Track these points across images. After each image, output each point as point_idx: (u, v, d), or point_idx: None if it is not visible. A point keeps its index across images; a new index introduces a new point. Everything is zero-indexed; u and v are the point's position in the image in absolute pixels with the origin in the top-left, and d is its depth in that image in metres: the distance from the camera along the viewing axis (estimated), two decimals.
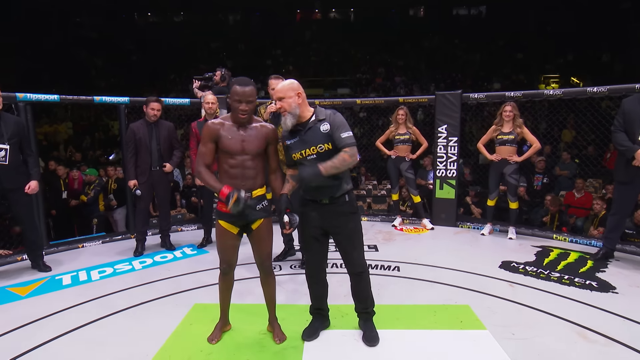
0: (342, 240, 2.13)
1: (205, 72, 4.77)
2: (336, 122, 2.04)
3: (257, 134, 2.08)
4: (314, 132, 2.04)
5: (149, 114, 3.69)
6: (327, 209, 2.09)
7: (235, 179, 2.06)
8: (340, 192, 2.07)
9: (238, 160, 2.05)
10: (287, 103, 2.04)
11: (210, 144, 2.08)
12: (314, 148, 2.03)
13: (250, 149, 2.06)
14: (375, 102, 5.11)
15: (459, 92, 4.62)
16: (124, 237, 4.41)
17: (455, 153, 4.64)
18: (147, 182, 3.71)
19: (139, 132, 3.67)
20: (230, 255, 2.16)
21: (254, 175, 2.08)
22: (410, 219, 4.97)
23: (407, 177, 4.66)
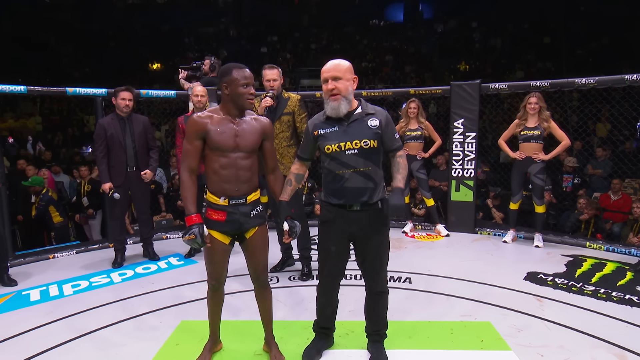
0: (369, 255, 2.10)
1: (193, 61, 4.78)
2: (388, 120, 2.08)
3: (252, 128, 2.07)
4: (360, 125, 2.03)
5: (119, 106, 3.67)
6: (356, 217, 2.06)
7: (227, 182, 2.03)
8: (375, 198, 2.05)
9: (231, 159, 2.02)
10: (344, 86, 2.01)
11: (197, 141, 2.02)
12: (357, 142, 2.01)
13: (244, 144, 2.04)
14: (382, 94, 5.11)
15: (477, 82, 4.62)
16: (101, 246, 4.41)
17: (473, 150, 4.64)
18: (123, 185, 3.70)
19: (110, 128, 3.65)
20: (220, 270, 2.15)
21: (248, 178, 2.06)
22: (422, 224, 4.97)
23: (418, 178, 4.66)
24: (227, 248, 2.13)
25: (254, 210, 2.10)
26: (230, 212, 2.06)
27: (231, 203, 2.05)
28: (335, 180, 2.05)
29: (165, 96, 4.76)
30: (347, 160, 2.02)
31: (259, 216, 2.13)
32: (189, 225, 1.97)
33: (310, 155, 2.18)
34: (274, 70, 3.30)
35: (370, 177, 2.03)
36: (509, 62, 14.71)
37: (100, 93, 4.35)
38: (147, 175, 3.80)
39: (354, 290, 2.95)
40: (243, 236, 2.14)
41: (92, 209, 5.56)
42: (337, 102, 2.01)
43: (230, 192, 2.05)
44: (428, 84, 13.39)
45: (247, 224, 2.09)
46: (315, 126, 2.11)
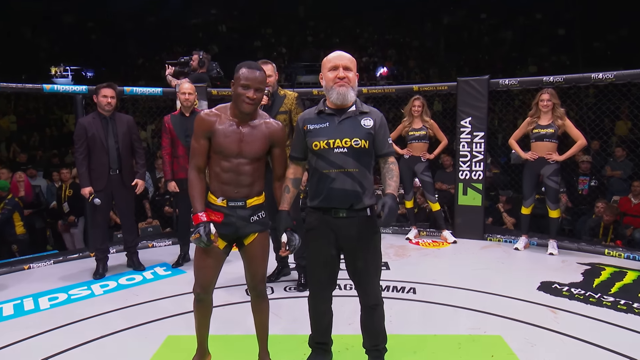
0: (358, 265, 2.11)
1: (181, 56, 4.79)
2: (383, 122, 2.10)
3: (259, 134, 2.07)
4: (353, 123, 2.06)
5: (101, 104, 3.67)
6: (342, 225, 2.07)
7: (227, 184, 2.06)
8: (362, 203, 2.06)
9: (232, 164, 2.04)
10: (353, 77, 2.07)
11: (203, 140, 2.07)
12: (347, 140, 2.03)
13: (248, 152, 2.05)
14: (384, 91, 5.13)
15: (485, 77, 4.64)
16: (81, 255, 4.40)
17: (482, 151, 4.65)
18: (105, 189, 3.69)
19: (91, 129, 3.64)
20: (209, 276, 2.14)
21: (250, 183, 2.07)
22: (427, 230, 4.98)
23: (423, 181, 4.67)
24: (221, 253, 2.14)
25: (255, 215, 2.11)
26: (228, 214, 2.07)
27: (229, 205, 2.07)
28: (321, 180, 2.06)
29: (151, 94, 4.77)
30: (335, 158, 2.03)
31: (260, 222, 2.13)
32: (196, 224, 2.02)
33: (304, 153, 2.17)
34: (267, 65, 3.30)
35: (358, 180, 2.04)
36: (520, 55, 14.79)
37: (80, 90, 4.35)
38: (139, 186, 3.82)
39: (352, 302, 2.93)
40: (242, 242, 2.15)
41: (74, 216, 5.53)
42: (345, 88, 2.04)
43: (229, 193, 2.06)
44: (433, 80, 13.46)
45: (245, 228, 2.10)
46: (305, 121, 2.12)
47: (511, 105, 6.57)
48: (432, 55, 16.04)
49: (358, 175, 2.04)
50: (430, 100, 5.94)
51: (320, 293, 2.20)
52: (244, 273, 2.21)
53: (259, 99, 2.04)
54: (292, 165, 2.21)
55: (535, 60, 14.44)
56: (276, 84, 3.35)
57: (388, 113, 6.52)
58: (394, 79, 14.31)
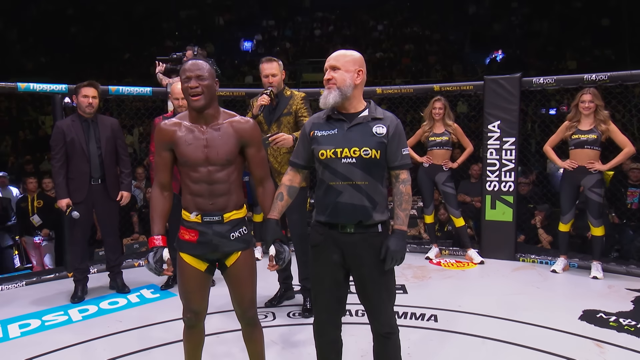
0: (369, 288, 2.10)
1: (173, 52, 4.84)
2: (398, 130, 2.10)
3: (225, 135, 2.07)
4: (363, 130, 2.06)
5: (81, 105, 3.70)
6: (350, 241, 2.07)
7: (199, 196, 2.06)
8: (372, 219, 2.06)
9: (202, 173, 2.05)
10: (341, 77, 2.06)
11: (165, 152, 2.10)
12: (356, 150, 2.04)
13: (215, 157, 2.05)
14: (401, 91, 5.14)
15: (517, 75, 4.64)
16: (57, 276, 4.43)
17: (513, 159, 4.64)
18: (85, 201, 3.71)
19: (70, 132, 3.67)
20: (197, 300, 2.15)
21: (225, 191, 2.08)
22: (450, 249, 4.95)
23: (445, 193, 4.67)
24: (203, 276, 2.14)
25: (235, 231, 2.11)
26: (203, 232, 2.08)
27: (204, 220, 2.07)
28: (328, 193, 2.08)
29: (140, 94, 4.82)
30: (342, 169, 2.04)
31: (243, 240, 2.13)
32: (150, 247, 2.05)
33: (306, 161, 2.18)
34: (272, 63, 3.34)
35: (367, 193, 2.04)
36: (558, 50, 14.69)
37: (59, 89, 4.40)
38: (124, 198, 3.85)
39: (364, 330, 2.91)
40: (223, 264, 2.15)
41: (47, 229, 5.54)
42: (327, 91, 2.06)
43: (203, 206, 2.07)
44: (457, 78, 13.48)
45: (224, 247, 2.10)
46: (313, 126, 2.14)
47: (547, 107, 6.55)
48: (455, 50, 16.07)
49: (367, 188, 2.04)
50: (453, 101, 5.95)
51: (326, 319, 2.19)
52: (230, 299, 2.21)
53: (205, 88, 2.02)
54: (290, 172, 2.22)
55: (575, 55, 14.33)
56: (282, 84, 3.38)
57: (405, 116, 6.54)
58: (412, 77, 14.36)
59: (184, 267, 2.13)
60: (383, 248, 2.00)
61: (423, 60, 15.67)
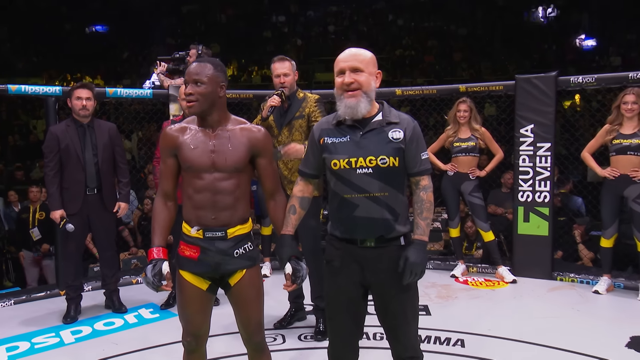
0: (390, 309, 2.09)
1: (175, 51, 4.91)
2: (416, 133, 2.08)
3: (235, 142, 2.09)
4: (378, 137, 2.05)
5: (75, 108, 3.75)
6: (370, 257, 2.07)
7: (202, 209, 2.08)
8: (394, 231, 2.06)
9: (206, 181, 2.07)
10: (367, 80, 2.02)
11: (169, 159, 2.14)
12: (372, 159, 2.02)
13: (223, 163, 2.07)
14: (423, 92, 5.14)
15: (552, 74, 4.62)
16: (48, 294, 4.47)
17: (548, 167, 4.61)
18: (80, 213, 3.75)
19: (65, 139, 3.72)
20: (197, 322, 2.17)
21: (230, 205, 2.09)
22: (478, 266, 4.92)
23: (472, 204, 4.65)
24: (205, 296, 2.15)
25: (239, 248, 2.11)
26: (205, 248, 2.09)
27: (206, 236, 2.09)
28: (343, 207, 2.07)
29: (139, 96, 4.88)
30: (357, 181, 2.02)
31: (248, 257, 2.14)
32: (149, 260, 2.07)
33: (317, 170, 2.18)
34: (285, 63, 3.39)
35: (387, 205, 2.03)
36: (599, 45, 14.48)
37: (52, 92, 4.47)
38: (122, 209, 3.90)
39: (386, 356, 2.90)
40: (227, 283, 2.16)
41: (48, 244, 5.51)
42: (355, 100, 2.00)
43: (205, 220, 2.08)
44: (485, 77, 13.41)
45: (227, 265, 2.11)
46: (322, 132, 2.12)
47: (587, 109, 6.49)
48: (483, 46, 15.99)
49: (387, 199, 2.03)
50: (481, 103, 5.93)
51: (342, 343, 2.18)
52: (236, 322, 2.22)
53: (201, 95, 2.03)
54: (300, 182, 2.23)
55: (618, 50, 14.08)
56: (295, 85, 3.43)
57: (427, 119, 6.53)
58: (435, 77, 14.34)
59: (183, 285, 2.14)
60: (401, 259, 1.99)
61: (447, 58, 15.64)
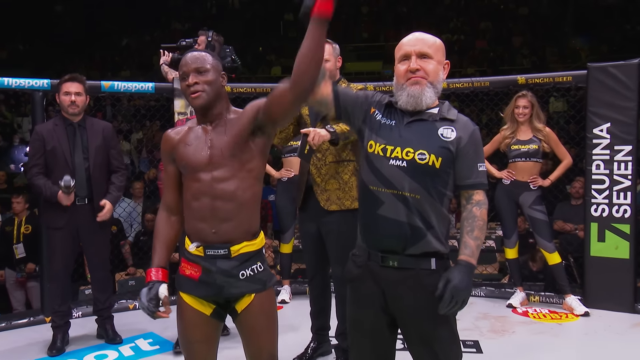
0: (421, 346, 2.09)
1: (181, 39, 4.98)
2: (474, 139, 2.06)
3: (232, 128, 2.11)
4: (426, 128, 2.06)
5: (64, 104, 3.79)
6: (393, 278, 2.06)
7: (201, 220, 2.09)
8: (425, 244, 2.03)
9: (204, 184, 2.08)
10: (435, 70, 2.07)
11: (170, 165, 2.19)
12: (410, 151, 2.02)
13: (219, 155, 2.08)
14: (474, 85, 5.10)
15: (635, 61, 4.55)
16: (32, 320, 4.53)
17: (629, 174, 4.52)
18: (67, 226, 3.79)
19: (51, 139, 3.76)
20: (201, 354, 2.18)
21: (232, 213, 2.08)
22: (541, 294, 4.86)
23: (533, 219, 4.59)
24: (209, 322, 2.16)
25: (246, 269, 2.11)
26: (206, 268, 2.10)
27: (207, 253, 2.09)
28: (367, 200, 2.09)
29: (140, 90, 4.92)
30: (387, 173, 2.03)
31: (256, 279, 2.13)
32: (146, 282, 2.10)
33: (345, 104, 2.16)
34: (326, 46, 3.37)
35: (419, 210, 2.01)
36: None
37: (40, 85, 4.56)
38: (105, 210, 3.83)
39: None
40: (233, 309, 2.16)
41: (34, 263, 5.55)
42: (419, 88, 2.03)
43: (205, 234, 2.09)
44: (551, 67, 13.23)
45: (231, 288, 2.10)
46: (378, 103, 2.14)
47: None
48: (549, 28, 15.79)
49: (418, 203, 2.00)
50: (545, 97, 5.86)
51: None
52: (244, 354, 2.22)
53: (207, 84, 2.07)
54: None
55: None
56: (337, 73, 3.42)
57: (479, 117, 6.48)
58: (489, 66, 14.23)
59: (184, 309, 2.15)
60: (441, 281, 1.95)
61: (505, 43, 15.51)
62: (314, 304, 3.57)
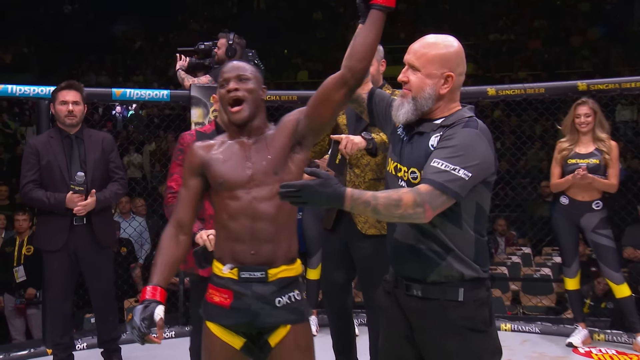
0: None
1: (200, 42, 5.04)
2: (452, 137, 1.99)
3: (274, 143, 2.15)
4: (419, 144, 2.08)
5: (60, 115, 3.80)
6: (416, 309, 2.08)
7: (238, 241, 2.10)
8: (446, 271, 2.03)
9: (243, 203, 2.09)
10: (419, 82, 2.04)
11: (193, 180, 2.19)
12: (405, 171, 2.08)
13: (261, 170, 2.10)
14: (526, 92, 5.05)
15: None
16: (32, 352, 4.54)
17: None
18: (65, 249, 3.79)
19: (46, 153, 3.79)
20: None
21: (272, 235, 2.10)
22: (607, 332, 4.77)
23: (597, 245, 4.50)
24: (238, 357, 2.17)
25: (283, 295, 2.12)
26: (239, 293, 2.10)
27: (241, 276, 2.10)
28: (388, 223, 2.18)
29: (153, 98, 4.99)
30: None
31: (294, 308, 2.14)
32: (140, 301, 2.08)
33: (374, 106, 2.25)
34: None
35: (432, 233, 2.00)
36: None
37: (47, 93, 4.63)
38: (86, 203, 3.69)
39: None
40: (265, 341, 2.16)
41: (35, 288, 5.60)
42: (399, 101, 2.09)
43: (242, 256, 2.10)
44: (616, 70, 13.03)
45: (266, 317, 2.10)
46: None
47: None
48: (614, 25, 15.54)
49: (431, 227, 1.98)
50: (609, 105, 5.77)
51: None
52: None
53: (249, 93, 2.11)
54: None
55: None
56: (380, 78, 3.42)
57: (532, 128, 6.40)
58: (543, 69, 14.09)
59: (211, 342, 2.16)
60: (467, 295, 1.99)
61: (562, 44, 15.36)
62: (337, 340, 3.54)
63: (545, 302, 5.74)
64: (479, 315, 2.03)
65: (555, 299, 5.76)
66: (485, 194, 2.06)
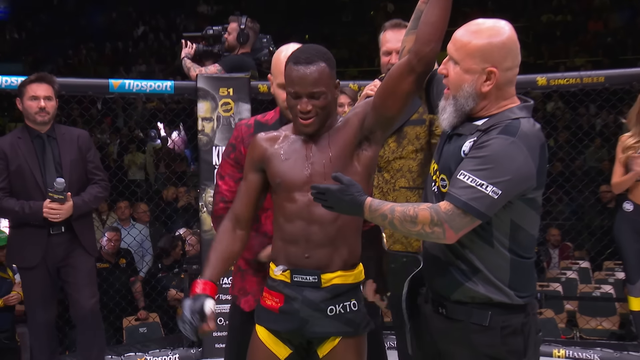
0: None
1: (208, 27, 5.06)
2: (484, 145, 1.95)
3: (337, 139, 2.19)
4: (455, 147, 2.07)
5: (30, 112, 3.77)
6: (440, 326, 2.12)
7: (292, 243, 2.17)
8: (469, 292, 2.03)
9: (299, 205, 2.16)
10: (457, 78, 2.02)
11: (253, 174, 2.27)
12: (437, 175, 2.11)
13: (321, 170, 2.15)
14: (583, 81, 5.00)
15: None
16: None
17: None
18: (43, 264, 3.78)
19: (15, 156, 3.76)
20: None
21: (329, 239, 2.16)
22: None
23: None
24: None
25: (337, 304, 2.16)
26: (289, 297, 2.15)
27: (294, 279, 2.15)
28: None
29: (156, 91, 5.01)
30: (430, 198, 2.13)
31: (348, 319, 2.17)
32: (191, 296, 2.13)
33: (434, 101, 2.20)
34: (400, 31, 3.19)
35: (454, 249, 2.01)
36: None
37: None
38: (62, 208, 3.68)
39: None
40: (314, 353, 2.20)
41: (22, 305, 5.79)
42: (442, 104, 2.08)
43: (295, 258, 2.15)
44: None
45: (315, 325, 2.15)
46: None
47: None
48: None
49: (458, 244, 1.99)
50: None
51: None
52: None
53: (321, 107, 2.11)
54: None
55: None
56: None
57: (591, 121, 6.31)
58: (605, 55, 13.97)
59: (256, 348, 2.21)
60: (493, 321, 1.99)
61: (626, 27, 15.21)
62: None
63: (606, 324, 5.68)
64: (508, 344, 2.01)
65: (618, 322, 5.70)
66: (524, 211, 2.01)
